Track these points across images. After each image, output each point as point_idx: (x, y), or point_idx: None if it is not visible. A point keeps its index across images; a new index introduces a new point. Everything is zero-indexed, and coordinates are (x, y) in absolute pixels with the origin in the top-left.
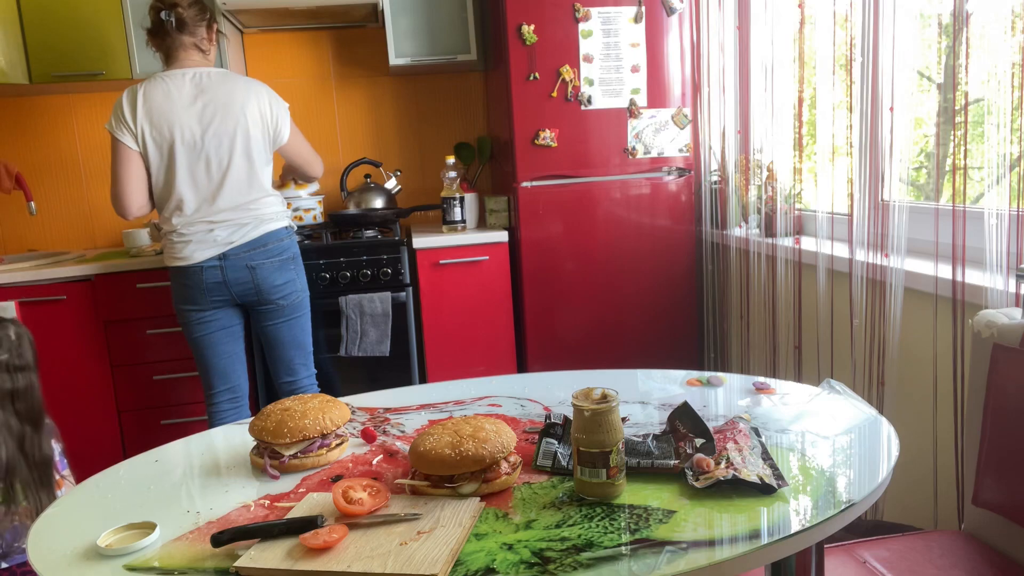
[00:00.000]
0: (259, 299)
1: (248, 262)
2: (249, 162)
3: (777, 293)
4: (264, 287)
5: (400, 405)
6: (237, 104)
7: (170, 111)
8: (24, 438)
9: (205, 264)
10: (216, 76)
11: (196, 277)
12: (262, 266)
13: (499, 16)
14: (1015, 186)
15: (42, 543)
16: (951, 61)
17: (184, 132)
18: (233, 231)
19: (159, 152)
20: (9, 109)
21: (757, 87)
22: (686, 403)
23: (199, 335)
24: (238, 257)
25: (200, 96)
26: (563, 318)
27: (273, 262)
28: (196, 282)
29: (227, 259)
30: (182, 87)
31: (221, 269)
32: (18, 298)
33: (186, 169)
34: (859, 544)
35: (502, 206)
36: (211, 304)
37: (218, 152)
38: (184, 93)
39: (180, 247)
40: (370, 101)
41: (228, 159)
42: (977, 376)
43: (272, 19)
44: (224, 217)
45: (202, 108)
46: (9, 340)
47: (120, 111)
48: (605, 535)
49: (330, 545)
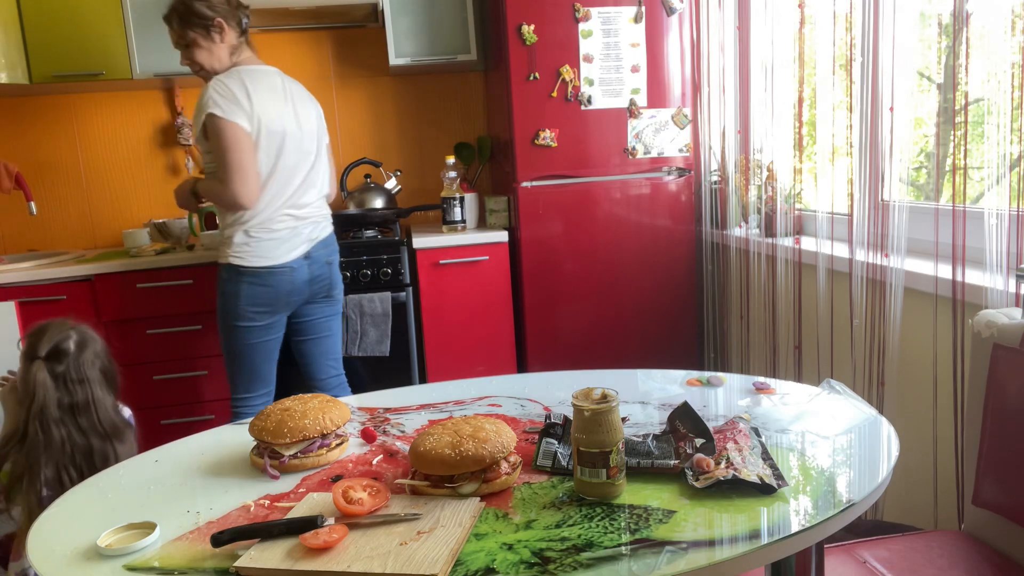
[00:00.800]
0: (329, 294)
1: (327, 258)
2: (322, 161)
3: (777, 293)
4: (335, 281)
5: (400, 405)
6: (311, 104)
7: (277, 104)
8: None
9: (294, 264)
10: (287, 78)
11: (284, 277)
12: (335, 262)
13: (499, 16)
14: (1015, 186)
15: (42, 543)
16: (951, 61)
17: (290, 126)
18: (313, 227)
19: (269, 143)
20: (9, 109)
21: (757, 87)
22: (686, 403)
23: (257, 341)
24: (319, 254)
25: (290, 95)
26: (563, 318)
27: (337, 257)
28: (282, 282)
29: (310, 257)
30: (275, 83)
31: (308, 267)
32: (18, 298)
33: (287, 164)
34: (859, 544)
35: (502, 206)
36: (286, 307)
37: (310, 149)
38: (278, 89)
39: (269, 246)
40: (370, 101)
41: (315, 157)
42: (977, 376)
43: (272, 19)
44: (307, 214)
45: (295, 105)
46: (69, 352)
47: (231, 95)
48: (605, 535)
49: (330, 545)
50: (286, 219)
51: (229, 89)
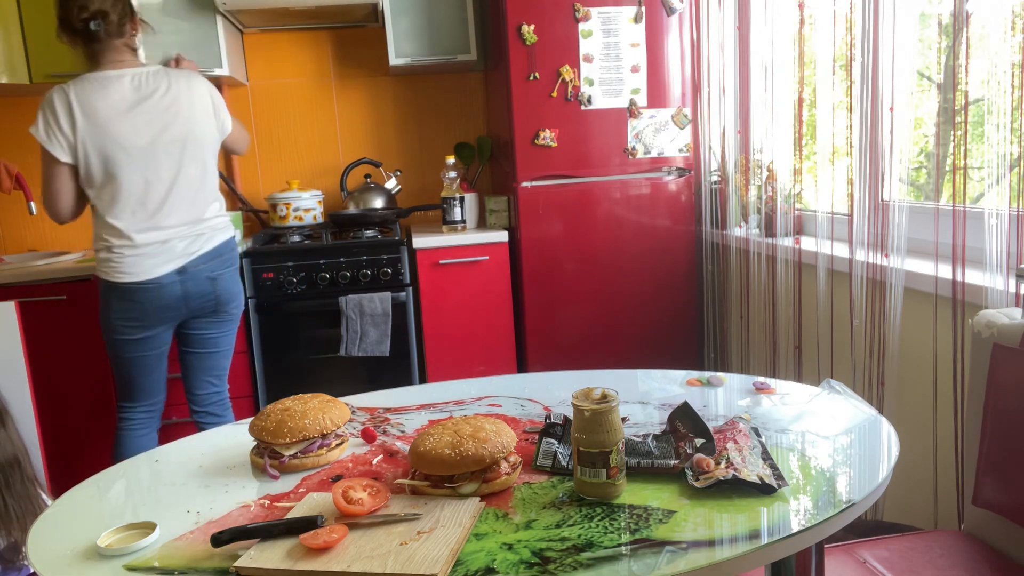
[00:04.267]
0: (217, 309)
1: (209, 273)
2: (202, 167)
3: (777, 293)
4: (224, 297)
5: (400, 405)
6: (184, 106)
7: (113, 118)
8: None
9: (163, 280)
10: (156, 77)
11: (150, 294)
12: (222, 276)
13: (499, 16)
14: (1015, 186)
15: (42, 543)
16: (951, 61)
17: (130, 141)
18: (190, 242)
19: (102, 164)
20: (9, 109)
21: (757, 87)
22: (686, 403)
23: (132, 355)
24: (198, 269)
25: (144, 101)
26: (563, 318)
27: (230, 271)
28: (149, 299)
29: (186, 272)
30: (123, 91)
31: (181, 283)
32: (18, 298)
33: (133, 180)
34: (859, 544)
35: (502, 206)
36: (159, 322)
37: (168, 160)
38: (126, 98)
39: (132, 261)
40: (370, 101)
41: (179, 167)
42: (977, 376)
43: (272, 19)
44: (179, 229)
45: (148, 114)
46: None
47: (52, 118)
48: (605, 535)
49: (330, 545)
50: (152, 233)
51: (52, 109)
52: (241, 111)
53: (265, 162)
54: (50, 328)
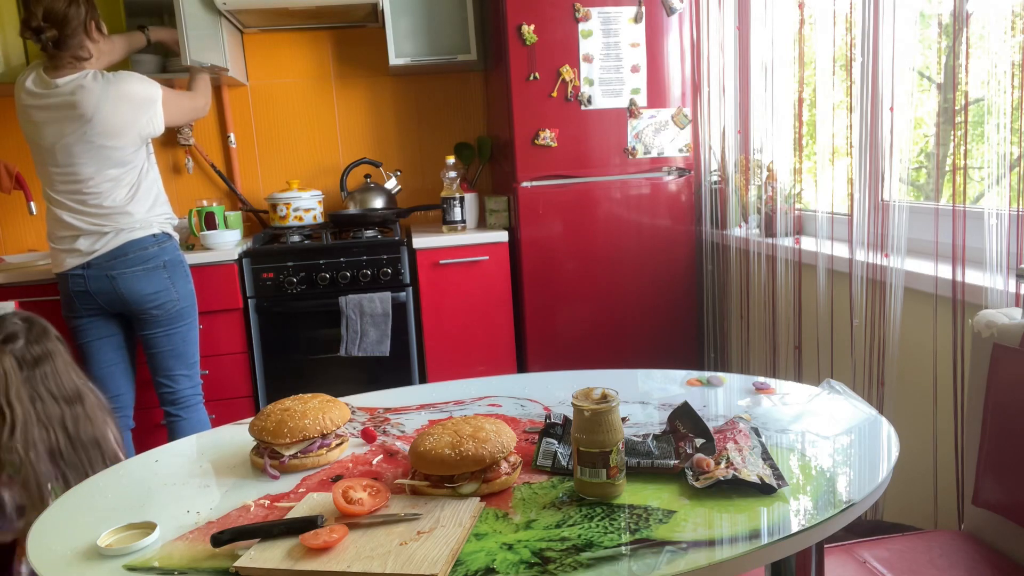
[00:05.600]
0: (127, 309)
1: (108, 271)
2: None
3: (777, 293)
4: (129, 297)
5: (400, 405)
6: (89, 110)
7: (26, 120)
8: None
9: (71, 273)
10: (76, 82)
11: (65, 285)
12: (123, 276)
13: (499, 16)
14: (1015, 186)
15: (42, 543)
16: (951, 61)
17: (44, 141)
18: (94, 241)
19: (38, 156)
20: (9, 109)
21: (757, 87)
22: (686, 403)
23: (79, 343)
24: (99, 267)
25: (61, 108)
26: (563, 318)
27: (135, 271)
28: (66, 290)
29: (90, 268)
30: (47, 95)
31: (84, 279)
32: (18, 298)
33: (51, 177)
34: (859, 544)
35: (502, 206)
36: (84, 312)
37: (75, 164)
38: (47, 101)
39: (53, 254)
40: (370, 101)
41: (81, 168)
42: (977, 376)
43: (272, 19)
44: (86, 226)
45: (59, 119)
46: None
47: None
48: (605, 535)
49: (330, 545)
50: (65, 228)
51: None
52: (241, 111)
53: (265, 162)
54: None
